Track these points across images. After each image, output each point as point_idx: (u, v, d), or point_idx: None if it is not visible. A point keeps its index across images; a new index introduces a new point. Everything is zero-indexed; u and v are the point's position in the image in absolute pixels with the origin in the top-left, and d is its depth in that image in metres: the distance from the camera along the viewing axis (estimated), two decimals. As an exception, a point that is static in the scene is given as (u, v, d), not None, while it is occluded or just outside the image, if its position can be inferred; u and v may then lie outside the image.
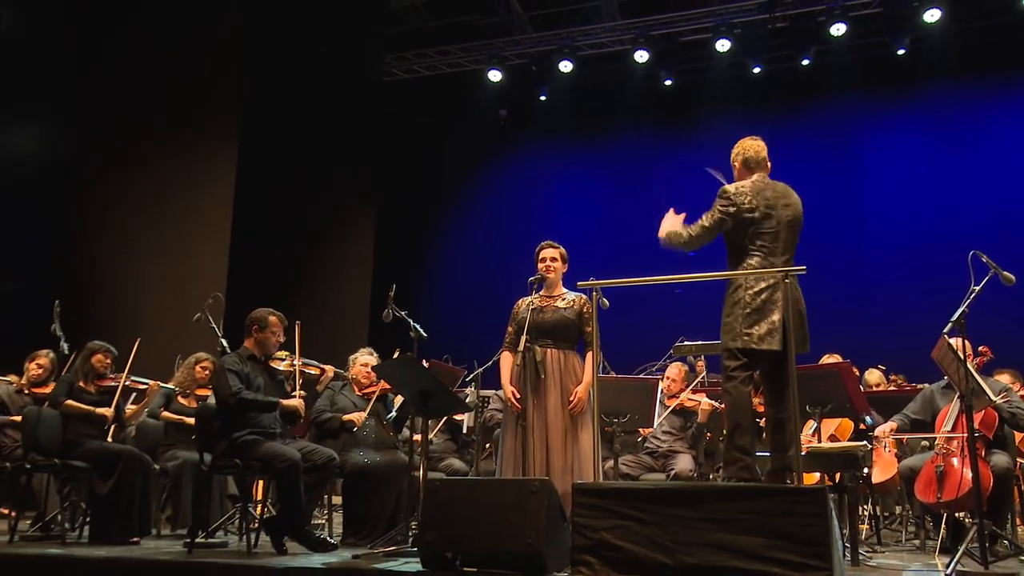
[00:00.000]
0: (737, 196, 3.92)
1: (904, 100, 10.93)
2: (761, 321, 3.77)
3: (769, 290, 3.80)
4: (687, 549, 3.12)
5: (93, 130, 9.02)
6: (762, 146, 4.13)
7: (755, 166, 4.07)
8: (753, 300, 3.81)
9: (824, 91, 10.88)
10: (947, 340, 4.18)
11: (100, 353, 5.22)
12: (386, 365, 4.87)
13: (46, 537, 5.14)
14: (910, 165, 10.67)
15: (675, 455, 5.59)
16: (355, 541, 4.73)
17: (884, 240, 10.36)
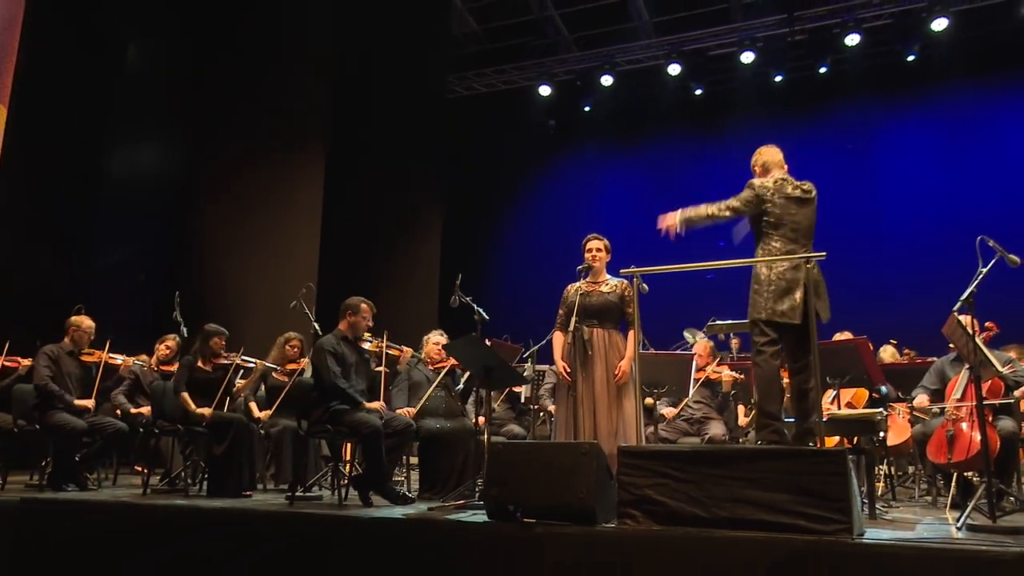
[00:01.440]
0: (761, 188, 3.88)
1: (915, 102, 10.54)
2: (784, 297, 3.72)
3: (792, 270, 3.75)
4: (720, 504, 3.07)
5: (205, 146, 9.23)
6: (777, 151, 4.10)
7: (773, 167, 4.03)
8: (778, 279, 3.76)
9: (841, 96, 10.56)
10: (957, 317, 4.04)
11: (216, 336, 5.32)
12: (454, 344, 4.88)
13: (172, 490, 5.29)
14: (921, 160, 10.30)
15: (708, 421, 5.51)
16: (430, 496, 4.77)
17: (897, 229, 10.04)
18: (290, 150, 8.88)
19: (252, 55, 9.06)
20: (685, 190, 10.64)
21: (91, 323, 5.59)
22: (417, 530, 3.59)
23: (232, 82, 9.07)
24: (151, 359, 6.22)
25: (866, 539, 2.91)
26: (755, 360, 3.82)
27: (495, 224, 12.45)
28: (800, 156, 4.17)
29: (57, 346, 5.42)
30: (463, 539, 3.41)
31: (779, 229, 3.83)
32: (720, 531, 3.00)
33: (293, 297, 5.85)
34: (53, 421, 5.17)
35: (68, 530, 4.34)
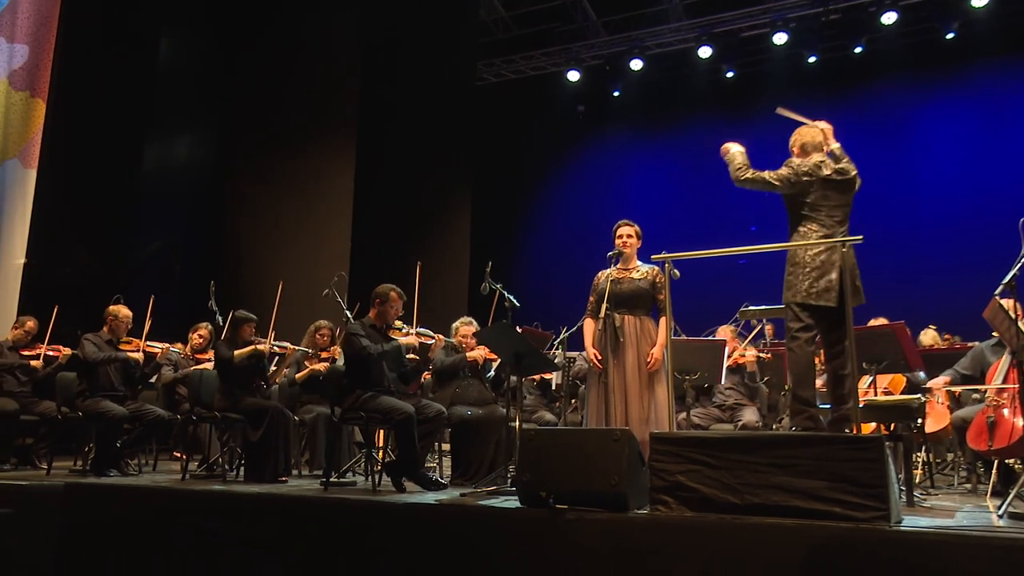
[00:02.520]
0: (799, 168, 3.82)
1: (953, 81, 10.26)
2: (820, 279, 3.66)
3: (827, 252, 3.69)
4: (753, 490, 3.04)
5: (237, 138, 9.36)
6: (817, 131, 3.98)
7: (812, 149, 3.94)
8: (813, 261, 3.70)
9: (876, 76, 10.32)
10: (998, 301, 3.94)
11: (246, 323, 5.36)
12: (485, 332, 4.89)
13: (210, 476, 5.38)
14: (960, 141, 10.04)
15: (741, 408, 5.46)
16: (462, 482, 4.79)
17: (936, 211, 9.81)
18: (321, 140, 8.97)
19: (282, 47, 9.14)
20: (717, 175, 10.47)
21: (128, 312, 5.71)
22: (450, 515, 3.61)
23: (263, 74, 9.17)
24: (186, 348, 6.33)
25: (904, 527, 2.86)
26: (789, 345, 3.76)
27: (524, 211, 12.43)
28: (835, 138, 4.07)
29: (96, 335, 5.54)
30: (496, 524, 3.42)
31: (816, 212, 3.77)
32: (754, 518, 2.97)
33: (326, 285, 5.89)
34: (94, 408, 5.30)
35: (111, 514, 4.45)
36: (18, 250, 7.18)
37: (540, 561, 3.23)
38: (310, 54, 9.07)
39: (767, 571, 2.83)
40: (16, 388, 5.87)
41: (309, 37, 9.11)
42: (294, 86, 9.01)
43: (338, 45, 9.21)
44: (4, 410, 5.73)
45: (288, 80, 9.03)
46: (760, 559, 2.85)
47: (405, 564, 3.52)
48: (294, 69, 9.06)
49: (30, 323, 6.08)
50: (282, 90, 9.03)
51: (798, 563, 2.79)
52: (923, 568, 2.65)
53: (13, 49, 7.77)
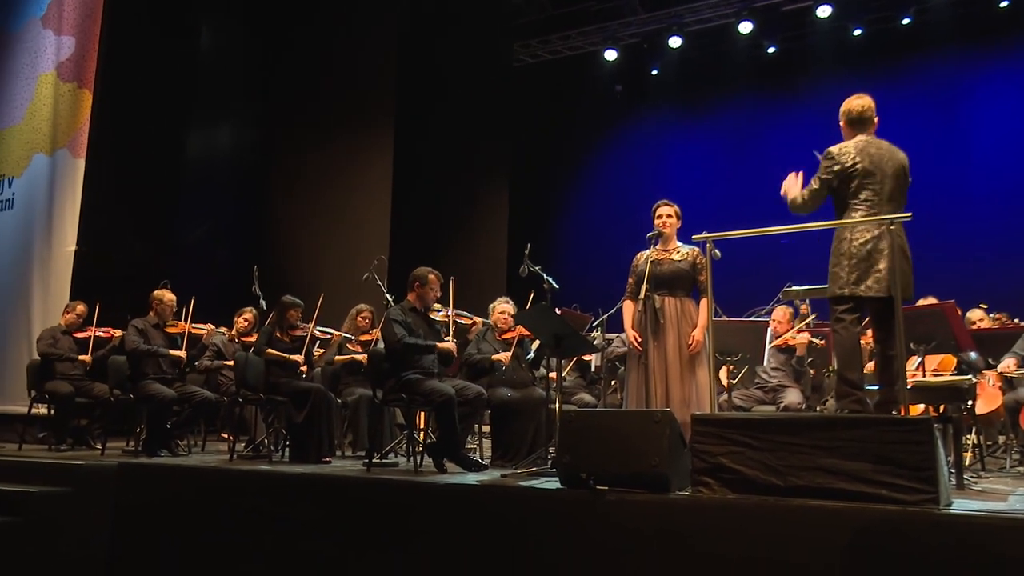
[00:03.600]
0: (840, 155, 3.67)
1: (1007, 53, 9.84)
2: (868, 270, 3.53)
3: (874, 240, 3.54)
4: (796, 472, 3.01)
5: (278, 124, 9.49)
6: (867, 103, 3.80)
7: (859, 124, 3.77)
8: (859, 251, 3.56)
9: (925, 49, 9.95)
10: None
11: (292, 308, 5.46)
12: (524, 314, 4.89)
13: (256, 456, 5.47)
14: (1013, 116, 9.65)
15: (784, 389, 5.39)
16: (502, 463, 4.82)
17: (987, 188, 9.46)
18: (360, 125, 9.04)
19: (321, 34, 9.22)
20: (758, 153, 10.31)
21: (172, 296, 5.84)
22: (491, 496, 3.64)
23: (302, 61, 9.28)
24: (231, 331, 6.46)
25: (954, 510, 2.81)
26: (835, 328, 3.67)
27: (563, 192, 12.36)
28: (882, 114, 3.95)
29: (143, 319, 5.69)
30: (536, 505, 3.45)
31: (861, 196, 3.63)
32: (797, 500, 2.94)
33: (366, 269, 5.95)
34: (145, 391, 5.45)
35: (162, 493, 4.59)
36: (69, 238, 7.39)
37: (581, 541, 3.24)
38: (348, 40, 9.13)
39: (811, 553, 2.81)
40: (71, 371, 6.08)
41: (347, 23, 9.16)
42: (333, 72, 9.09)
43: (376, 30, 9.24)
44: (60, 393, 5.94)
45: (327, 66, 9.11)
46: (804, 541, 2.83)
47: (447, 544, 3.57)
48: (333, 55, 9.13)
49: (80, 307, 6.27)
50: (321, 76, 9.12)
51: (843, 545, 2.75)
52: (974, 552, 2.60)
53: (60, 41, 7.95)
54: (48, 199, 7.63)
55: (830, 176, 3.68)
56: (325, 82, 9.10)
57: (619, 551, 3.14)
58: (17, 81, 8.26)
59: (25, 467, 5.03)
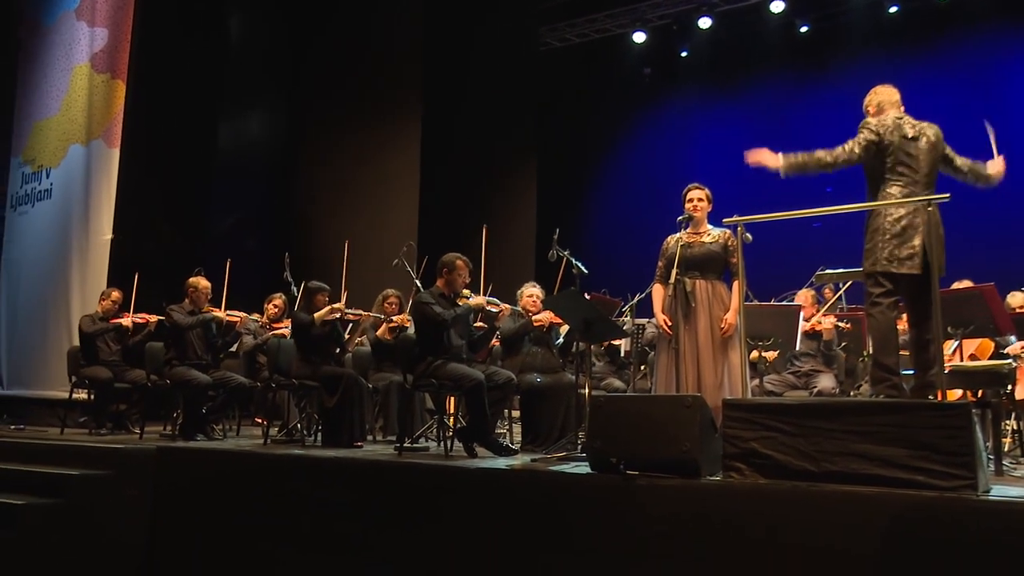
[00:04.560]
0: (879, 127, 3.62)
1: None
2: (902, 246, 3.48)
3: (909, 216, 3.48)
4: (830, 458, 2.96)
5: (306, 112, 9.55)
6: (894, 90, 3.79)
7: (889, 108, 3.74)
8: (893, 226, 3.51)
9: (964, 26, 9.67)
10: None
11: (319, 292, 5.48)
12: (554, 299, 4.88)
13: (290, 441, 5.56)
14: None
15: (817, 374, 5.33)
16: (532, 448, 4.83)
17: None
18: (387, 112, 9.06)
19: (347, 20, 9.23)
20: (790, 135, 10.13)
21: (207, 284, 5.93)
22: (521, 480, 3.66)
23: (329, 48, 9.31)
24: (263, 317, 6.54)
25: (992, 496, 2.75)
26: (869, 311, 3.62)
27: (591, 177, 12.28)
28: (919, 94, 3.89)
29: (179, 306, 5.79)
30: (567, 490, 3.45)
31: (896, 172, 3.57)
32: (831, 485, 2.90)
33: (395, 256, 5.98)
34: (181, 376, 5.55)
35: (199, 475, 4.68)
36: (105, 226, 7.53)
37: (612, 526, 3.24)
38: (375, 27, 9.14)
39: (846, 539, 2.77)
40: (109, 357, 6.21)
41: (374, 9, 9.16)
42: (360, 59, 9.11)
43: (402, 16, 9.24)
44: (99, 378, 6.08)
45: (354, 53, 9.14)
46: (838, 527, 2.79)
47: (477, 528, 3.59)
48: (360, 42, 9.15)
49: (116, 294, 6.40)
50: (348, 63, 9.15)
51: (879, 531, 2.72)
52: (1014, 538, 2.55)
53: (94, 33, 8.07)
54: (84, 189, 7.77)
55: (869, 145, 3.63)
56: (352, 69, 9.13)
57: (650, 536, 3.13)
58: (53, 73, 8.40)
59: (67, 451, 5.18)
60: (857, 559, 2.74)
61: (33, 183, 8.36)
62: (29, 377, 7.81)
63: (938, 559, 2.64)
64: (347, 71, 9.19)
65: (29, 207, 8.37)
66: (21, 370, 7.96)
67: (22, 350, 8.02)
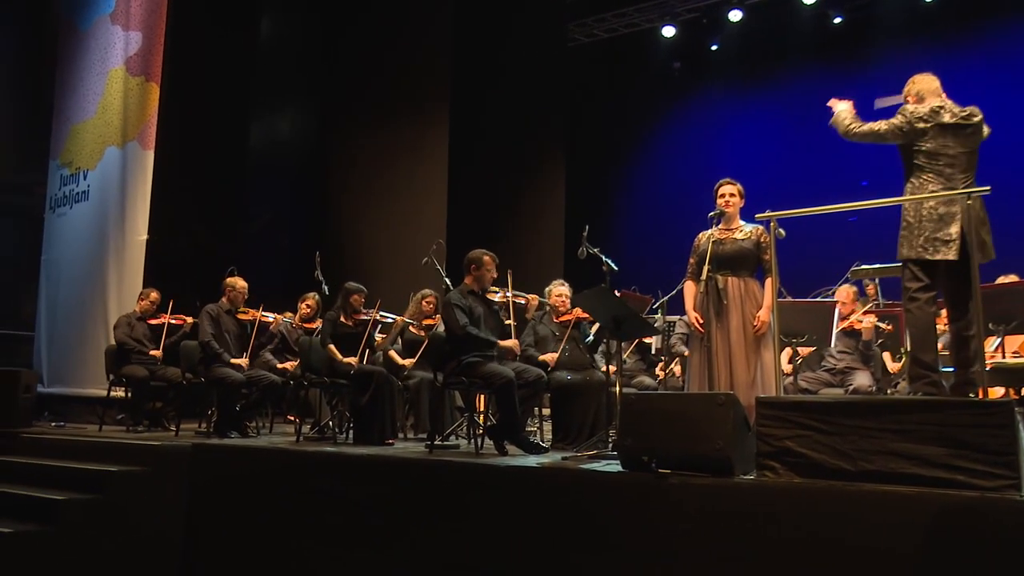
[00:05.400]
0: (915, 114, 3.57)
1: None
2: (939, 232, 3.42)
3: (946, 205, 3.42)
4: (867, 457, 2.91)
5: (336, 111, 9.63)
6: (934, 79, 3.72)
7: (929, 96, 3.67)
8: (930, 214, 3.45)
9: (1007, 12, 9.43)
10: None
11: (356, 293, 5.55)
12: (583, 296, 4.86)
13: (322, 438, 5.60)
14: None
15: (852, 372, 5.24)
16: (563, 446, 4.82)
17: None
18: (416, 110, 9.11)
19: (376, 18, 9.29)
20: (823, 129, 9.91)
21: (244, 284, 6.03)
22: (552, 479, 3.65)
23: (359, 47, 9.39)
24: (295, 317, 6.62)
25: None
26: (907, 307, 3.55)
27: (620, 173, 12.21)
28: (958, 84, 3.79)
29: (216, 305, 5.88)
30: (598, 488, 3.44)
31: (933, 162, 3.51)
32: (868, 485, 2.86)
33: (424, 253, 6.00)
34: (215, 374, 5.64)
35: (233, 472, 4.75)
36: (140, 227, 7.67)
37: (644, 524, 3.23)
38: (404, 25, 9.20)
39: (884, 539, 2.73)
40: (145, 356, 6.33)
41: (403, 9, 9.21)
42: (389, 57, 9.17)
43: (431, 15, 9.27)
44: (136, 376, 6.20)
45: (383, 51, 9.20)
46: (876, 527, 2.75)
47: (508, 525, 3.60)
48: (389, 41, 9.21)
49: (154, 294, 6.52)
50: (378, 62, 9.22)
51: (918, 532, 2.67)
52: (1059, 540, 2.48)
53: (128, 37, 8.22)
54: (120, 190, 7.92)
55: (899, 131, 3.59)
56: (381, 67, 9.20)
57: (682, 535, 3.11)
58: (89, 77, 8.58)
59: (106, 447, 5.29)
60: (896, 560, 2.69)
61: (71, 185, 8.55)
62: (69, 375, 7.99)
63: (980, 561, 2.58)
64: (377, 70, 9.26)
65: (67, 209, 8.56)
66: (61, 368, 8.15)
67: (62, 349, 8.21)
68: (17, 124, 9.36)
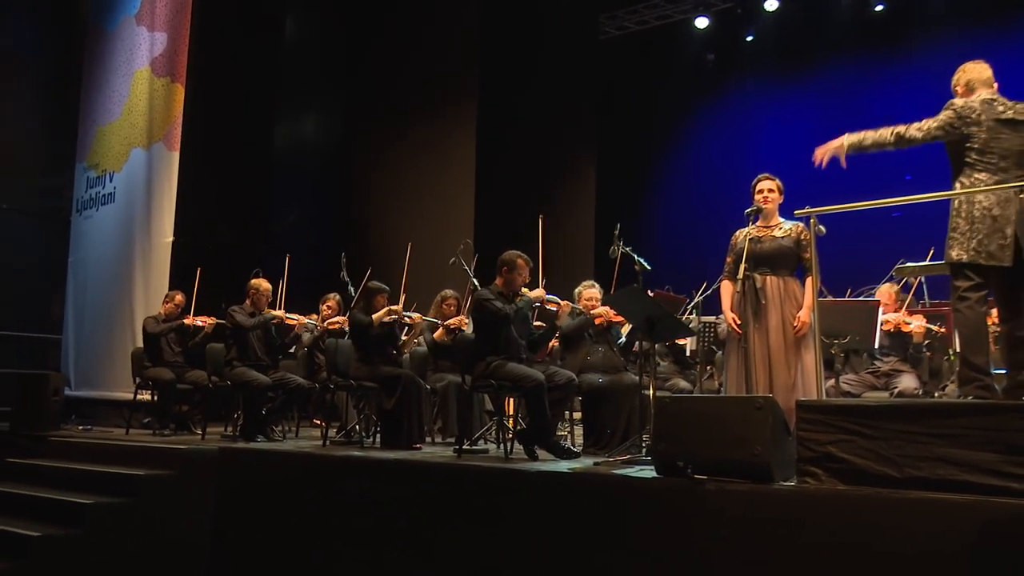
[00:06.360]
0: (964, 109, 3.46)
1: None
2: (992, 236, 3.31)
3: (1000, 204, 3.32)
4: (914, 463, 2.86)
5: (361, 114, 9.72)
6: (986, 67, 3.60)
7: (979, 87, 3.56)
8: (981, 214, 3.35)
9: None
10: None
11: (379, 293, 5.56)
12: (615, 296, 4.84)
13: (348, 442, 5.63)
14: None
15: (898, 374, 5.15)
16: (595, 450, 4.79)
17: None
18: (443, 108, 9.14)
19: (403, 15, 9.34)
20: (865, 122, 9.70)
21: (268, 285, 6.10)
22: (584, 484, 3.64)
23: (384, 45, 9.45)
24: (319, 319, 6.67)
25: (1097, 505, 2.61)
26: (956, 307, 3.46)
27: (653, 169, 12.13)
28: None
29: (240, 308, 5.95)
30: (632, 494, 3.42)
31: (985, 157, 3.40)
32: (915, 492, 2.80)
33: (452, 253, 6.01)
34: (241, 377, 5.71)
35: (260, 476, 4.81)
36: (166, 229, 7.79)
37: (678, 532, 3.20)
38: (431, 23, 9.24)
39: (933, 549, 2.67)
40: (171, 358, 6.44)
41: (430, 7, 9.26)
42: (415, 54, 9.22)
43: (458, 11, 9.31)
44: (162, 379, 6.31)
45: (410, 48, 9.25)
46: (925, 536, 2.69)
47: (537, 532, 3.59)
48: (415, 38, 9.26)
49: (179, 297, 6.62)
50: (404, 60, 9.27)
51: (969, 542, 2.61)
52: (1121, 552, 2.41)
53: (153, 37, 8.36)
54: (146, 192, 8.06)
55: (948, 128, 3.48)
56: (407, 65, 9.24)
57: (719, 543, 3.08)
58: (115, 78, 8.74)
59: (133, 451, 5.39)
60: (945, 571, 2.64)
61: (97, 187, 8.72)
62: (96, 378, 8.15)
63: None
64: (403, 68, 9.31)
65: (94, 211, 8.73)
66: (88, 371, 8.31)
67: (89, 352, 8.38)
68: (44, 127, 9.57)
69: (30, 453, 5.89)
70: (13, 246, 8.90)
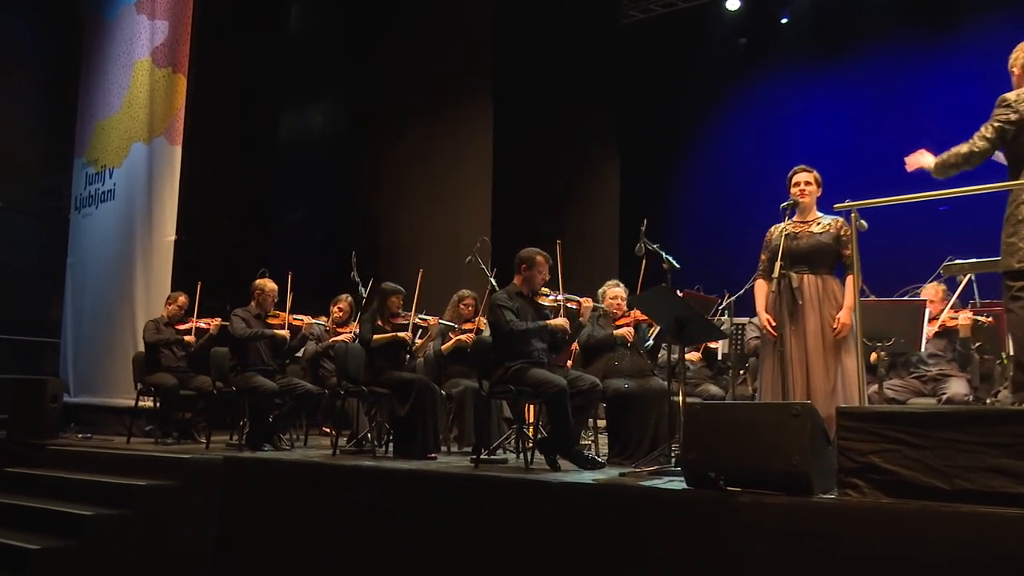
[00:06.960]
0: (1019, 103, 3.40)
1: None
2: None
3: None
4: (965, 474, 2.82)
5: (370, 105, 9.75)
6: None
7: None
8: None
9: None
10: None
11: (394, 295, 5.61)
12: (641, 297, 4.82)
13: (359, 451, 5.66)
14: None
15: (946, 379, 5.09)
16: (620, 460, 4.78)
17: None
18: (456, 99, 9.14)
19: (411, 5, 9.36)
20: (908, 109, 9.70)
21: (274, 286, 6.13)
22: (609, 497, 3.63)
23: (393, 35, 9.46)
24: (328, 320, 6.70)
25: None
26: (1010, 307, 3.42)
27: (681, 161, 12.05)
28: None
29: (245, 310, 6.00)
30: (660, 507, 3.41)
31: None
32: (966, 506, 2.77)
33: (467, 251, 6.02)
34: (247, 383, 5.75)
35: (266, 487, 4.84)
36: (168, 227, 7.85)
37: (712, 547, 3.18)
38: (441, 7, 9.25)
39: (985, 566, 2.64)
40: (174, 363, 6.50)
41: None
42: (426, 42, 9.23)
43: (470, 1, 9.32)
44: (165, 385, 6.37)
45: (420, 36, 9.26)
46: (974, 552, 2.66)
47: (559, 547, 3.58)
48: (425, 26, 9.27)
49: (182, 298, 6.68)
50: (414, 49, 9.28)
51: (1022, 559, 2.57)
52: None
53: (154, 26, 8.44)
54: (147, 188, 8.13)
55: (1005, 126, 3.41)
56: (418, 55, 9.25)
57: (755, 558, 3.06)
58: (115, 70, 8.83)
59: (134, 460, 5.44)
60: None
61: (96, 184, 8.81)
62: (95, 384, 8.23)
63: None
64: (413, 57, 9.32)
65: (93, 209, 8.82)
66: (87, 376, 8.40)
67: (88, 356, 8.46)
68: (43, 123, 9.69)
69: (28, 462, 5.96)
70: (11, 246, 9.02)
